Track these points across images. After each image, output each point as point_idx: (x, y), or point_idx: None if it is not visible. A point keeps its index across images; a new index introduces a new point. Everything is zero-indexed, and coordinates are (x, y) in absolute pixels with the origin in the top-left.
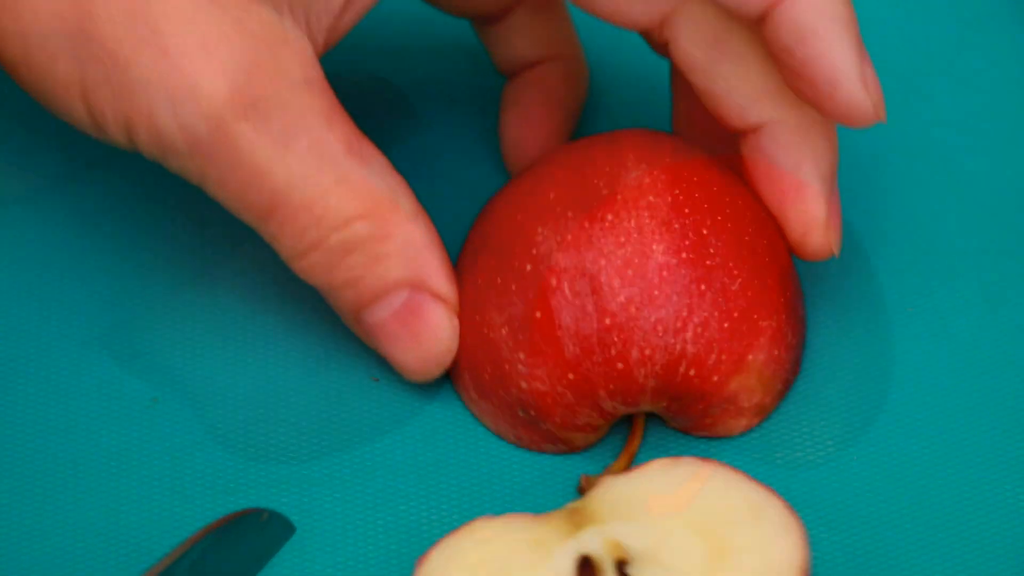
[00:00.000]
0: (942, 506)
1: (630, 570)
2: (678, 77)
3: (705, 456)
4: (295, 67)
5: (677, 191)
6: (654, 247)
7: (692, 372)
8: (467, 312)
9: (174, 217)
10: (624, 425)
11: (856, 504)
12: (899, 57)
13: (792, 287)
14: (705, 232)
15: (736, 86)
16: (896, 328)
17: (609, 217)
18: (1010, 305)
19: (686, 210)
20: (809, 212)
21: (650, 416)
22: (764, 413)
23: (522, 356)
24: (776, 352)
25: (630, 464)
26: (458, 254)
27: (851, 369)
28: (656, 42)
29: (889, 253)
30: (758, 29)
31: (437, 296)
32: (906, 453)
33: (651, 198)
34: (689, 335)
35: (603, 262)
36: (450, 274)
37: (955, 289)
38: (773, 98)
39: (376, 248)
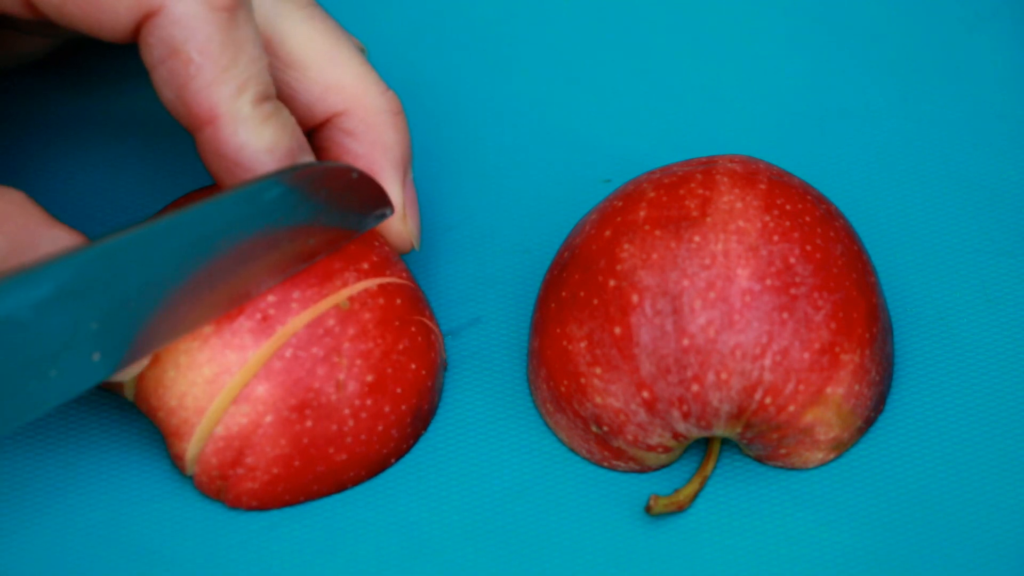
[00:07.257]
0: (942, 506)
1: None
2: None
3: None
4: None
5: (768, 218)
6: (739, 272)
7: (768, 400)
8: (549, 324)
9: None
10: (700, 449)
11: (856, 504)
12: (899, 57)
13: (879, 324)
14: (792, 261)
15: (300, 88)
16: (896, 328)
17: (696, 239)
18: (1010, 305)
19: (775, 237)
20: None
21: (727, 443)
22: (841, 448)
23: (598, 371)
24: (857, 387)
25: (702, 488)
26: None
27: None
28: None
29: (889, 253)
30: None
31: None
32: (906, 453)
33: (741, 223)
34: (767, 362)
35: (686, 283)
36: None
37: (955, 289)
38: (337, 91)
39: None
